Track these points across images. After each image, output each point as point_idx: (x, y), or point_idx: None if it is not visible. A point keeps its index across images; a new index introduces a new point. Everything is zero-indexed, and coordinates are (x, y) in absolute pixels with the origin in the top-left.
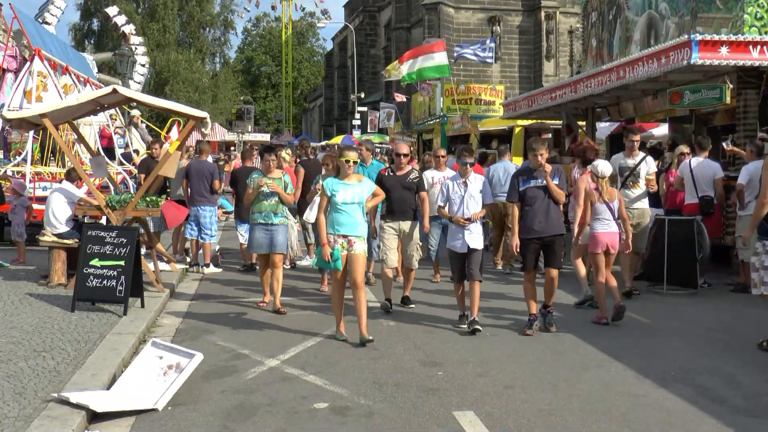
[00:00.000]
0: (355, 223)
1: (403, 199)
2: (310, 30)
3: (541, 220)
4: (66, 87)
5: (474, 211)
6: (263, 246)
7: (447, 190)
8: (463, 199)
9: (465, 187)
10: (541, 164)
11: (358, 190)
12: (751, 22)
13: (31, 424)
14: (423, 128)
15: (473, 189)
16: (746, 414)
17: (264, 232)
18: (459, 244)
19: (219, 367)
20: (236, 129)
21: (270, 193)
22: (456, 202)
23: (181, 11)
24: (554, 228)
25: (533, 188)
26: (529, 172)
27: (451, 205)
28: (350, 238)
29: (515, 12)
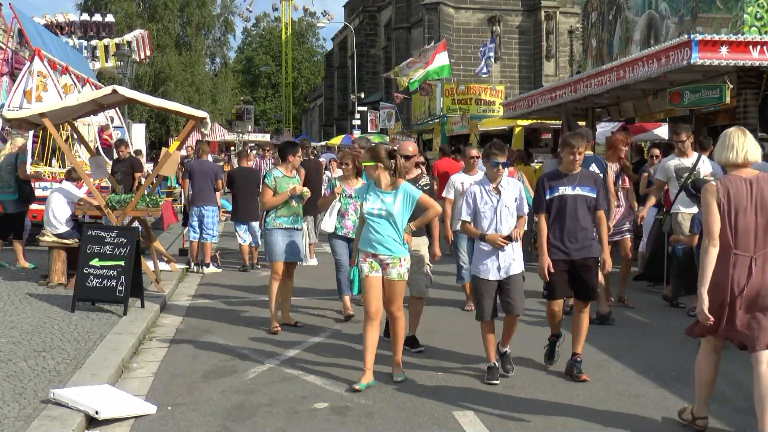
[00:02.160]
0: (383, 239)
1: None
2: (309, 30)
3: (572, 238)
4: (66, 87)
5: (510, 227)
6: (287, 253)
7: (473, 199)
8: (496, 211)
9: (497, 195)
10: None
11: (390, 199)
12: (751, 22)
13: (31, 424)
14: (423, 128)
15: (507, 197)
16: (747, 414)
17: (287, 237)
18: (492, 269)
19: (219, 367)
20: (236, 129)
21: (297, 196)
22: (486, 216)
23: (181, 12)
24: (589, 249)
25: (563, 197)
26: (558, 177)
27: (479, 220)
28: (381, 257)
29: (515, 12)
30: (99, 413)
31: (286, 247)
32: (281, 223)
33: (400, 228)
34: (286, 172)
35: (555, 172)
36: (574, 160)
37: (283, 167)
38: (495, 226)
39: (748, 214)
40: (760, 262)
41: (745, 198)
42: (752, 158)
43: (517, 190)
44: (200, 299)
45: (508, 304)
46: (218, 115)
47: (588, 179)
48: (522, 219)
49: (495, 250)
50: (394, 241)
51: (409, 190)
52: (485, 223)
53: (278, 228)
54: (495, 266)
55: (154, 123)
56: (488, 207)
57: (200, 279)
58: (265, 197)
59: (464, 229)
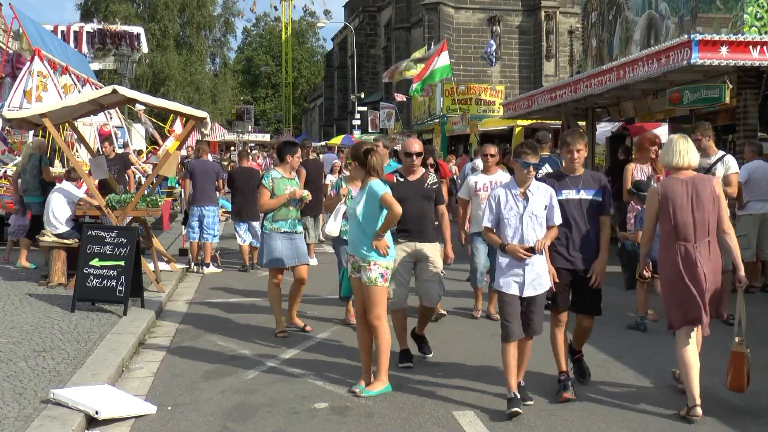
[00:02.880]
0: (354, 240)
1: (422, 214)
2: (309, 30)
3: (575, 245)
4: (66, 87)
5: (538, 237)
6: (288, 258)
7: (496, 203)
8: (522, 219)
9: (524, 200)
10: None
11: (358, 198)
12: (751, 22)
13: (31, 424)
14: (423, 128)
15: (536, 204)
16: (746, 414)
17: (288, 242)
18: (515, 283)
19: (219, 367)
20: (236, 129)
21: (296, 200)
22: (510, 223)
23: (181, 13)
24: (593, 258)
25: (568, 201)
26: (560, 178)
27: (502, 227)
28: (357, 259)
29: (515, 12)
30: (99, 413)
31: (289, 251)
32: (279, 227)
33: (367, 229)
34: (284, 174)
35: (558, 173)
36: (572, 159)
37: (281, 168)
38: (520, 235)
39: (686, 210)
40: (702, 250)
41: (682, 196)
42: (693, 163)
43: (548, 197)
44: (200, 299)
45: (526, 324)
46: (218, 115)
47: (593, 182)
48: (552, 230)
49: (518, 263)
50: (361, 242)
51: (373, 187)
52: (509, 232)
53: (277, 232)
54: (517, 281)
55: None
56: (513, 214)
57: (200, 279)
58: (262, 199)
59: (486, 236)
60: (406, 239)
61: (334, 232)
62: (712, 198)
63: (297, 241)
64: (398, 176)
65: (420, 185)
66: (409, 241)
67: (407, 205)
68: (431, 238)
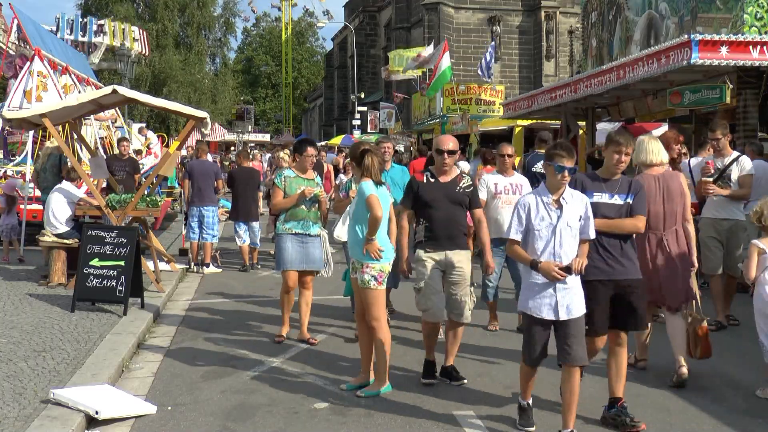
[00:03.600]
0: (351, 242)
1: (453, 219)
2: (309, 30)
3: (615, 256)
4: (66, 87)
5: (572, 252)
6: (296, 261)
7: (526, 213)
8: (555, 231)
9: (558, 210)
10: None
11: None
12: (751, 22)
13: (31, 424)
14: (423, 128)
15: (571, 214)
16: (746, 414)
17: (299, 244)
18: (545, 306)
19: (219, 367)
20: (236, 129)
21: (312, 199)
22: (541, 236)
23: (181, 13)
24: (633, 269)
25: (604, 206)
26: (597, 181)
27: (531, 240)
28: (353, 260)
29: (515, 12)
30: (99, 413)
31: (299, 255)
32: (291, 228)
33: (360, 231)
34: (298, 172)
35: (593, 176)
36: (619, 161)
37: (295, 167)
38: (552, 250)
39: (657, 202)
40: (670, 238)
41: (654, 190)
42: (664, 159)
43: (583, 206)
44: (200, 299)
45: (565, 352)
46: (218, 115)
47: (624, 185)
48: (585, 246)
49: (550, 283)
50: (356, 244)
51: (362, 188)
52: (539, 245)
53: (288, 234)
54: (550, 303)
55: (154, 123)
56: (545, 225)
57: (200, 279)
58: (274, 199)
59: (511, 252)
60: (434, 247)
61: (344, 236)
62: (680, 192)
63: (309, 245)
64: (429, 176)
65: (451, 188)
66: (437, 250)
67: (435, 209)
68: (462, 245)
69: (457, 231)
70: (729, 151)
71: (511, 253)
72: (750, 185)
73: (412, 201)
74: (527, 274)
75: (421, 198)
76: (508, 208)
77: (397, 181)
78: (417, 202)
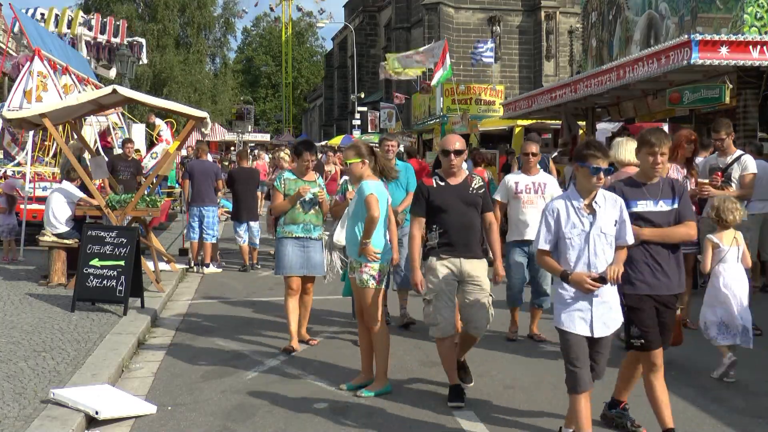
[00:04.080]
0: (351, 242)
1: (467, 224)
2: (309, 30)
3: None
4: (66, 87)
5: (607, 261)
6: (296, 266)
7: (555, 219)
8: (588, 238)
9: (591, 215)
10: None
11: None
12: (751, 22)
13: (31, 424)
14: (423, 128)
15: (605, 220)
16: (746, 414)
17: (300, 248)
18: (581, 321)
19: (219, 367)
20: (236, 129)
21: (311, 200)
22: (573, 244)
23: (181, 13)
24: (678, 282)
25: (651, 214)
26: (637, 187)
27: (563, 249)
28: (351, 260)
29: (515, 12)
30: (99, 413)
31: (299, 259)
32: (290, 231)
33: (358, 231)
34: (299, 174)
35: (631, 182)
36: (654, 163)
37: (295, 168)
38: (586, 259)
39: None
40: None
41: None
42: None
43: (617, 210)
44: (200, 299)
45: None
46: (218, 115)
47: (667, 189)
48: (622, 252)
49: (585, 296)
50: (354, 243)
51: (362, 188)
52: (571, 255)
53: (288, 237)
54: (585, 318)
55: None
56: (577, 232)
57: (200, 279)
58: (274, 202)
59: (542, 263)
60: (449, 254)
61: (342, 241)
62: None
63: (310, 249)
64: (438, 179)
65: (463, 190)
66: (452, 257)
67: (449, 214)
68: (478, 252)
69: (473, 237)
70: (732, 150)
71: (542, 264)
72: (752, 185)
73: (424, 207)
74: (559, 287)
75: (432, 203)
76: (531, 207)
77: (400, 181)
78: (428, 208)
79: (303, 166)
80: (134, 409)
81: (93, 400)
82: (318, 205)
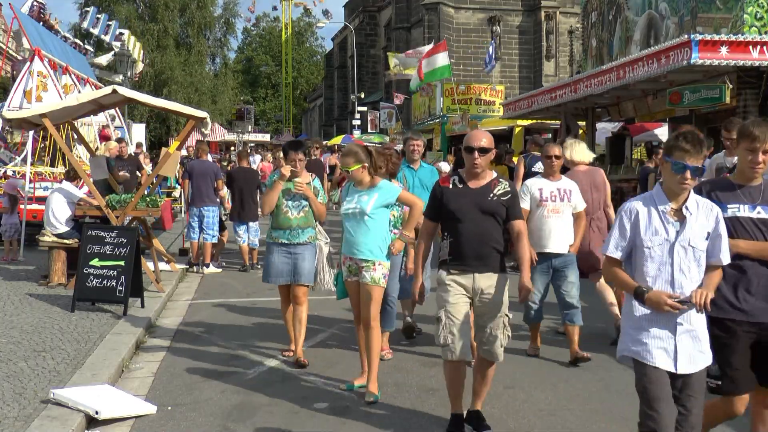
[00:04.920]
0: (357, 241)
1: (483, 234)
2: (308, 30)
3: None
4: (66, 87)
5: (694, 282)
6: (282, 274)
7: (632, 223)
8: (673, 251)
9: (679, 222)
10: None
11: (365, 198)
12: (751, 22)
13: (31, 424)
14: (423, 128)
15: (695, 229)
16: (746, 414)
17: (285, 255)
18: (661, 352)
19: (219, 367)
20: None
21: (297, 202)
22: (653, 256)
23: (181, 13)
24: None
25: (740, 221)
26: (729, 188)
27: (638, 261)
28: (357, 261)
29: (515, 12)
30: (99, 413)
31: (285, 267)
32: (277, 237)
33: (375, 229)
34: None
35: (724, 181)
36: (755, 162)
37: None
38: (668, 275)
39: (587, 192)
40: (593, 224)
41: (585, 183)
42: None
43: (713, 220)
44: (200, 299)
45: (680, 415)
46: (218, 115)
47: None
48: (716, 275)
49: (666, 321)
50: (365, 243)
51: (387, 187)
52: (650, 268)
53: (274, 243)
54: (667, 349)
55: (154, 123)
56: (659, 241)
57: (200, 279)
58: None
59: (609, 274)
60: (461, 270)
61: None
62: (603, 183)
63: (297, 256)
64: (456, 181)
65: (481, 196)
66: (464, 273)
67: (461, 222)
68: (495, 266)
69: (488, 249)
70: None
71: (608, 276)
72: None
73: (437, 211)
74: (630, 307)
75: (445, 207)
76: (555, 217)
77: (426, 183)
78: (442, 213)
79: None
80: (134, 409)
81: (93, 400)
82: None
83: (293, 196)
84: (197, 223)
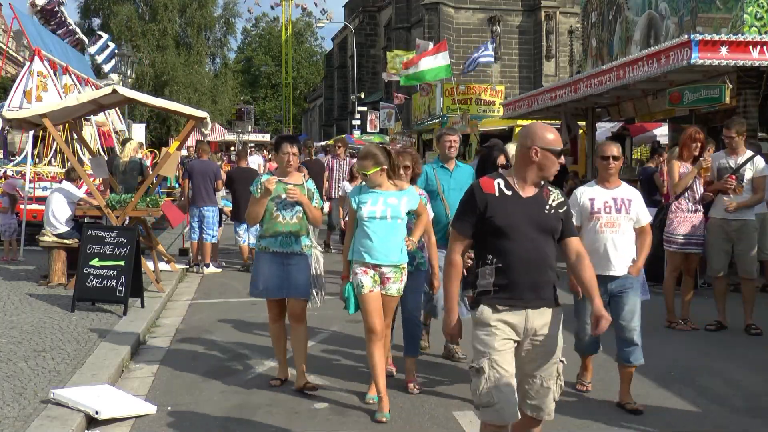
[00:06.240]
0: (386, 246)
1: (541, 257)
2: (308, 30)
3: None
4: (66, 87)
5: None
6: (273, 288)
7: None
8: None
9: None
10: None
11: (394, 201)
12: (751, 22)
13: (31, 424)
14: (423, 128)
15: None
16: (746, 414)
17: (277, 265)
18: None
19: (219, 367)
20: (236, 129)
21: (289, 206)
22: None
23: (181, 13)
24: None
25: None
26: None
27: None
28: (383, 268)
29: (515, 12)
30: (99, 413)
31: (277, 279)
32: (267, 246)
33: (402, 234)
34: (280, 175)
35: None
36: None
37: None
38: None
39: None
40: None
41: None
42: None
43: None
44: (200, 299)
45: None
46: (218, 115)
47: None
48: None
49: None
50: (398, 248)
51: (413, 192)
52: None
53: (264, 252)
54: None
55: (155, 123)
56: None
57: (200, 279)
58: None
59: None
60: (511, 303)
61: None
62: None
63: (292, 267)
64: (502, 185)
65: (537, 207)
66: (514, 309)
67: (513, 242)
68: (550, 299)
69: (545, 277)
70: (743, 150)
71: None
72: (765, 188)
73: (473, 225)
74: None
75: (491, 222)
76: (611, 232)
77: (463, 186)
78: (484, 228)
79: (283, 160)
80: (134, 409)
81: (93, 400)
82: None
83: (284, 202)
84: (197, 223)
